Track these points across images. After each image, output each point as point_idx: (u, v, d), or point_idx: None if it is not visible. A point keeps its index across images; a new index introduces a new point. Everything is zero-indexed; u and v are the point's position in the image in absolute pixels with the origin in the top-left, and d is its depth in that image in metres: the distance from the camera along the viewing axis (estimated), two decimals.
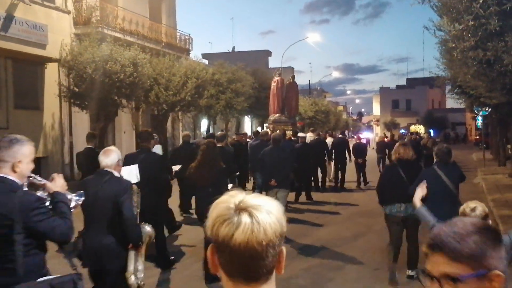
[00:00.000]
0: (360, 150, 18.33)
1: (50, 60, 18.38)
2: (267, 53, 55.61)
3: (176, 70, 21.21)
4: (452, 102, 42.13)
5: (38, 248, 3.08)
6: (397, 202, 6.80)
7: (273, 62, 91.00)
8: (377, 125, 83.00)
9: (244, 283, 1.36)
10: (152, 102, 20.99)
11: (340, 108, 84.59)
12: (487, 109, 22.85)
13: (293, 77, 23.19)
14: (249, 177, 15.39)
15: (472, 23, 8.74)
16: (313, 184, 15.83)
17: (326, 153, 16.68)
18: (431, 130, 51.65)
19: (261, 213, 1.36)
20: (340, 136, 19.12)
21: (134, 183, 4.96)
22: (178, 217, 11.08)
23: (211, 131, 29.29)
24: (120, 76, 16.94)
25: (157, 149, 8.46)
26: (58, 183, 3.39)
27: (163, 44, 25.51)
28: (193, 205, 9.75)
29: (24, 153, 3.19)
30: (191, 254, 8.44)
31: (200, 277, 6.99)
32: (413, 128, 59.35)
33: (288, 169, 9.76)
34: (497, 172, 20.23)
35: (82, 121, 19.90)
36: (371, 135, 55.86)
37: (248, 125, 39.93)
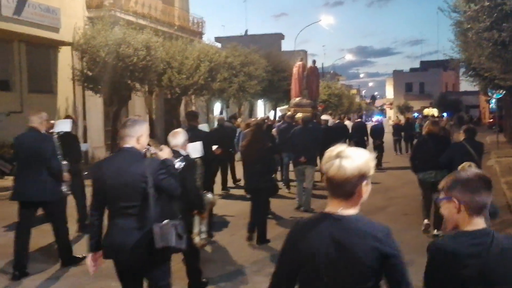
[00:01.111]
0: (378, 132, 19.35)
1: (63, 43, 18.45)
2: (280, 36, 55.24)
3: (189, 53, 21.17)
4: (466, 84, 41.73)
5: (162, 200, 4.00)
6: (428, 170, 8.03)
7: (286, 45, 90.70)
8: (390, 109, 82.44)
9: (335, 199, 2.32)
10: (165, 86, 21.00)
11: (353, 91, 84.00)
12: (501, 91, 22.60)
13: (314, 61, 24.09)
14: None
15: (488, 3, 8.62)
16: None
17: (346, 136, 17.31)
18: (445, 114, 51.11)
19: (347, 160, 2.26)
20: (358, 119, 19.80)
21: (198, 158, 5.84)
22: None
23: (224, 115, 29.34)
24: (133, 59, 16.98)
25: (204, 127, 9.06)
26: (165, 152, 4.34)
27: (175, 27, 25.45)
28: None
29: (143, 130, 4.09)
30: (236, 223, 9.26)
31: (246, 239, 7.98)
32: (426, 111, 58.83)
33: (316, 148, 10.63)
34: (511, 155, 20.04)
35: (95, 104, 20.02)
36: (383, 119, 55.55)
37: (261, 108, 39.85)
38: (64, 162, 6.87)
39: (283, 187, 12.74)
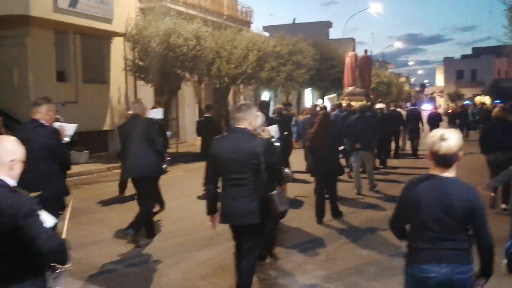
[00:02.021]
0: (435, 119, 19.93)
1: (116, 34, 18.75)
2: (328, 24, 54.54)
3: (237, 42, 21.13)
4: None
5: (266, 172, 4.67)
6: (495, 151, 8.81)
7: (334, 33, 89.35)
8: (441, 97, 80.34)
9: (439, 167, 3.17)
10: (214, 75, 21.06)
11: (402, 79, 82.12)
12: None
13: (366, 51, 24.55)
14: None
15: None
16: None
17: (400, 124, 17.69)
18: (497, 101, 49.28)
19: (449, 140, 3.12)
20: (412, 107, 20.69)
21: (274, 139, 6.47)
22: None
23: (271, 103, 29.22)
24: (183, 49, 17.08)
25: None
26: (267, 133, 5.29)
27: (224, 17, 25.47)
28: None
29: (255, 114, 4.86)
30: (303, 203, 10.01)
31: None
32: (478, 99, 56.95)
33: (373, 135, 11.24)
34: None
35: (146, 94, 20.27)
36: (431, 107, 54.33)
37: (309, 97, 39.51)
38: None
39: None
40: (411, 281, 3.27)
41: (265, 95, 29.77)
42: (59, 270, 2.97)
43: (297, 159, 13.24)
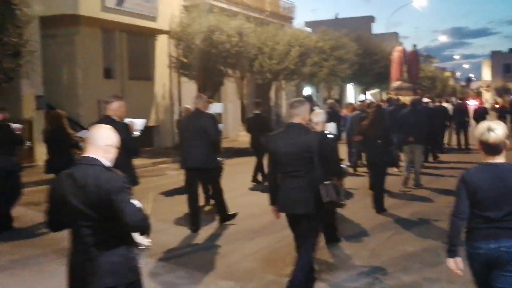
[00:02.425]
0: (482, 114, 19.47)
1: (161, 32, 19.09)
2: (371, 19, 53.89)
3: (280, 38, 21.16)
4: None
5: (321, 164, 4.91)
6: None
7: (377, 28, 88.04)
8: (487, 91, 78.17)
9: (491, 155, 3.57)
10: (256, 71, 21.17)
11: (447, 73, 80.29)
12: None
13: (415, 45, 24.57)
14: None
15: None
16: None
17: (446, 119, 17.75)
18: None
19: (497, 130, 3.52)
20: (459, 101, 20.38)
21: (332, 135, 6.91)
22: None
23: (314, 100, 29.13)
24: (226, 46, 17.26)
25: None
26: (321, 126, 5.87)
27: (267, 13, 25.52)
28: None
29: (307, 109, 5.08)
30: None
31: (369, 208, 8.83)
32: None
33: (423, 128, 11.28)
34: None
35: (190, 91, 20.56)
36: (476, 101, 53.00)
37: (351, 92, 39.17)
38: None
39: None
40: (468, 257, 3.66)
41: (307, 91, 29.72)
42: (141, 247, 3.36)
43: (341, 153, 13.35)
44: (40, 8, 13.84)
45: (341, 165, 6.77)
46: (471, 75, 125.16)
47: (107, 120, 5.96)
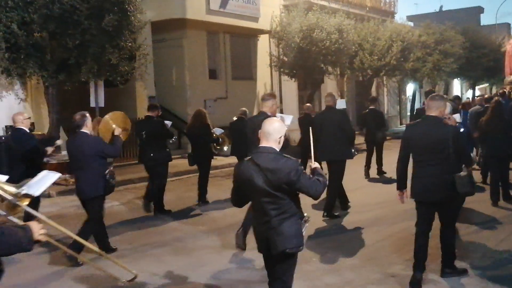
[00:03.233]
0: None
1: (262, 32, 19.63)
2: (479, 9, 51.15)
3: (380, 34, 20.92)
4: None
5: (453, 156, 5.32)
6: None
7: (486, 19, 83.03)
8: None
9: None
10: (356, 68, 21.09)
11: None
12: None
13: None
14: None
15: None
16: None
17: None
18: None
19: None
20: None
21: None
22: None
23: (417, 95, 28.34)
24: (326, 43, 17.39)
25: None
26: (454, 120, 5.95)
27: (367, 8, 25.26)
28: None
29: (443, 104, 5.46)
30: None
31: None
32: None
33: None
34: None
35: (290, 89, 20.95)
36: None
37: (457, 87, 37.53)
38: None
39: None
40: None
41: (410, 87, 29.00)
42: (306, 218, 4.02)
43: None
44: (151, 14, 14.86)
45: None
46: None
47: (263, 115, 6.52)
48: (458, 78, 33.83)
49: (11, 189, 3.36)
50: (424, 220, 5.43)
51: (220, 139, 10.12)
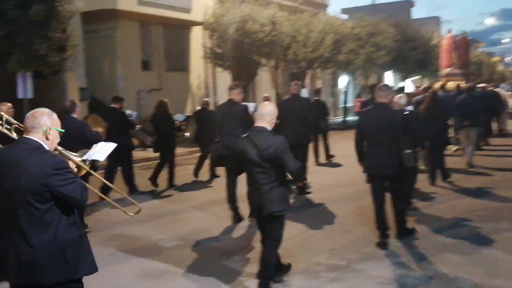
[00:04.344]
0: None
1: (195, 23, 19.58)
2: (409, 3, 52.80)
3: (314, 26, 21.17)
4: None
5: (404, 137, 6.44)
6: None
7: (417, 13, 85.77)
8: None
9: None
10: (290, 60, 21.29)
11: (495, 59, 77.65)
12: None
13: (464, 32, 24.83)
14: None
15: None
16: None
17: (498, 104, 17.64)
18: None
19: None
20: None
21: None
22: None
23: (350, 88, 29.00)
24: (259, 35, 17.55)
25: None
26: (398, 105, 7.03)
27: (300, 0, 25.58)
28: None
29: (392, 93, 6.72)
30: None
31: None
32: None
33: (479, 112, 12.17)
34: None
35: (224, 81, 20.93)
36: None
37: (390, 80, 38.67)
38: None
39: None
40: None
41: (343, 79, 29.65)
42: (292, 186, 4.90)
43: None
44: (81, 4, 14.52)
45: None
46: None
47: (231, 103, 7.61)
48: (391, 71, 34.81)
49: (77, 158, 3.76)
50: (377, 192, 6.31)
51: (183, 126, 11.14)
